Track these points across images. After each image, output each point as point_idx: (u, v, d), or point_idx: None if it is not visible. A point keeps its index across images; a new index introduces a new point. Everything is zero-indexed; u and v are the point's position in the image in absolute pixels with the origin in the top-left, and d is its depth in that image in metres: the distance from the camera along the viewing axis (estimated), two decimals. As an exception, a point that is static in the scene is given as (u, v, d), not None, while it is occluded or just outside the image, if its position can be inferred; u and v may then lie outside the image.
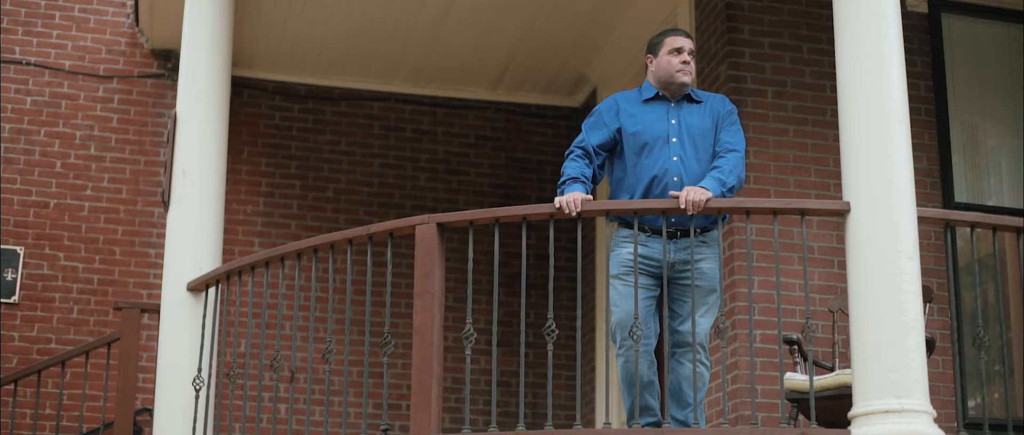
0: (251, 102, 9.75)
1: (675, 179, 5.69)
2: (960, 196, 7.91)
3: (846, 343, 6.95)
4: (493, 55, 9.62)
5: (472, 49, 9.51)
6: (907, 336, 5.32)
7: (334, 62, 9.75)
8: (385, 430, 5.74)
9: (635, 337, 5.42)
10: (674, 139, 5.76)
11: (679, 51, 5.84)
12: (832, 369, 6.81)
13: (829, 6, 7.84)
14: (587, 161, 5.83)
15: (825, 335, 7.03)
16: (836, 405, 6.25)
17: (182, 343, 6.62)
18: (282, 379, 7.71)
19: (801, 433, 5.36)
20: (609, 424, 5.47)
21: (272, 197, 9.70)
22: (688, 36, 5.93)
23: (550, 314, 5.54)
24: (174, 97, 9.70)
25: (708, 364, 5.77)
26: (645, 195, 5.70)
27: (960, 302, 7.51)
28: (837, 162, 7.61)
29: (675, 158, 5.72)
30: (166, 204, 6.93)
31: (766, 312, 7.14)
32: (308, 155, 9.84)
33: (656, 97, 5.88)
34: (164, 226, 9.42)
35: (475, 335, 5.58)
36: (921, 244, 5.56)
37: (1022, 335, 7.59)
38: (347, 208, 9.80)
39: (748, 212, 5.65)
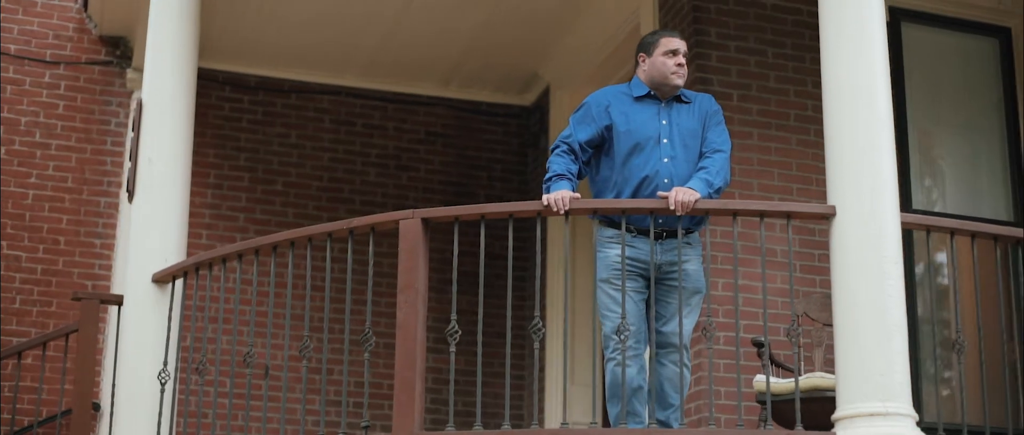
0: (200, 92, 9.41)
1: (665, 180, 5.67)
2: (916, 203, 8.01)
3: (811, 347, 7.02)
4: (449, 51, 9.56)
5: (428, 44, 9.44)
6: (891, 339, 5.37)
7: (286, 54, 9.63)
8: (366, 427, 5.67)
9: (622, 335, 5.40)
10: (665, 140, 5.74)
11: (674, 53, 5.82)
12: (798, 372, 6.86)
13: (794, 12, 7.96)
14: (573, 157, 5.79)
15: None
16: (805, 407, 6.29)
17: (146, 336, 6.49)
18: (255, 375, 7.59)
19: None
20: (595, 423, 5.45)
21: (220, 189, 9.56)
22: (682, 38, 5.91)
23: (537, 312, 5.51)
24: (123, 85, 9.54)
25: (689, 365, 5.77)
26: (634, 195, 5.67)
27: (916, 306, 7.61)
28: (800, 166, 7.73)
29: (666, 159, 5.70)
30: (131, 193, 6.80)
31: (731, 314, 7.16)
32: (257, 148, 9.71)
33: (647, 96, 5.86)
34: (110, 216, 9.28)
35: (459, 332, 5.53)
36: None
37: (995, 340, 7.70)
38: (296, 202, 9.68)
39: (735, 214, 5.66)
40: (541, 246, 5.67)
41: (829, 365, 6.74)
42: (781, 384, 6.39)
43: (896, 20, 8.17)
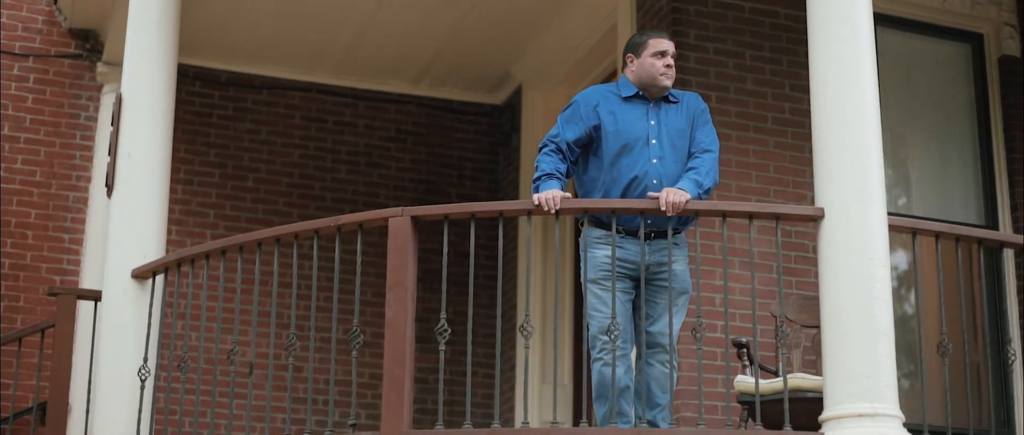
0: (171, 87, 9.50)
1: (655, 181, 5.67)
2: (888, 206, 8.05)
3: (789, 348, 7.05)
4: (421, 49, 9.54)
5: (401, 42, 9.41)
6: (879, 341, 5.40)
7: (257, 50, 9.57)
8: (353, 425, 5.64)
9: (612, 335, 5.39)
10: (654, 140, 5.74)
11: (663, 54, 5.83)
12: (776, 373, 6.90)
13: (771, 14, 8.00)
14: (561, 156, 5.78)
15: (767, 339, 7.10)
16: (789, 407, 6.33)
17: (125, 332, 6.42)
18: (238, 372, 7.53)
19: (778, 435, 5.40)
20: (585, 423, 5.45)
21: (190, 185, 9.49)
22: (670, 39, 5.92)
23: (527, 311, 5.50)
24: (93, 78, 9.45)
25: (677, 366, 5.78)
26: (623, 196, 5.66)
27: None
28: (778, 168, 7.76)
29: (655, 160, 5.70)
30: (110, 188, 6.73)
31: (710, 315, 7.18)
32: (228, 144, 9.65)
33: (635, 96, 5.86)
34: (80, 210, 9.18)
35: (449, 331, 5.51)
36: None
37: (980, 343, 7.76)
38: (266, 198, 9.63)
39: (725, 215, 5.67)
40: (530, 246, 5.64)
41: (807, 366, 6.79)
42: (763, 384, 6.42)
43: (874, 25, 8.23)
